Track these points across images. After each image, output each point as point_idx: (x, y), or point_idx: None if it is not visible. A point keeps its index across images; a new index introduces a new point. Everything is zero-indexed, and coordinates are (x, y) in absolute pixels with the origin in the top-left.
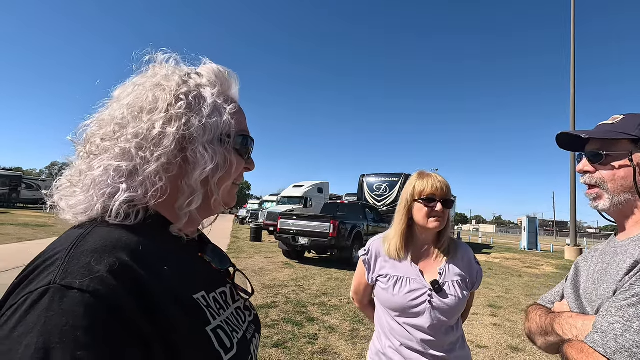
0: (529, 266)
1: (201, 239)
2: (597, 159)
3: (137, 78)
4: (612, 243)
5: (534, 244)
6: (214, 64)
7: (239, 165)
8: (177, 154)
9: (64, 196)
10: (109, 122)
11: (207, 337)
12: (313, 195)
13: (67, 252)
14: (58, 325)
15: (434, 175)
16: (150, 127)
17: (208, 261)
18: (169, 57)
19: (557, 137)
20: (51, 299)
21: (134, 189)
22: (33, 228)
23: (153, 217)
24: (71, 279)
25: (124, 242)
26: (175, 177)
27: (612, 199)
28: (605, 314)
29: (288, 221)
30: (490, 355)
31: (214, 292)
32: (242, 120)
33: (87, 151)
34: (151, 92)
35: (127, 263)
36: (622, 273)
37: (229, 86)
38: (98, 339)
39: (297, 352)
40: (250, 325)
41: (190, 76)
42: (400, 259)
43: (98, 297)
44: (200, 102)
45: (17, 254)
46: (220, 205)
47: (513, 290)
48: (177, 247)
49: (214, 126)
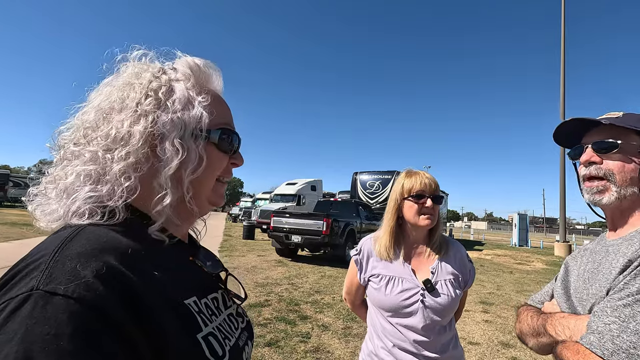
0: (519, 262)
1: (192, 242)
2: (609, 148)
3: (109, 78)
4: (603, 242)
5: (525, 240)
6: (189, 57)
7: (220, 160)
8: (147, 153)
9: (38, 205)
10: (80, 126)
11: (198, 345)
12: (306, 193)
13: (52, 256)
14: (40, 334)
15: (422, 172)
16: (118, 127)
17: (199, 265)
18: (143, 54)
19: (565, 124)
20: (33, 305)
21: (98, 189)
22: (20, 227)
23: (138, 217)
24: (55, 284)
25: (112, 245)
26: (147, 176)
27: (620, 191)
28: (600, 314)
29: (281, 219)
30: (482, 352)
31: (206, 297)
32: (222, 113)
33: (61, 157)
34: (121, 91)
35: (115, 267)
36: (615, 272)
37: (207, 78)
38: (83, 348)
39: (290, 351)
40: (243, 332)
41: (164, 71)
42: (391, 258)
43: (83, 304)
44: (169, 97)
45: (2, 253)
46: (205, 204)
47: (504, 286)
48: (168, 250)
49: (185, 121)
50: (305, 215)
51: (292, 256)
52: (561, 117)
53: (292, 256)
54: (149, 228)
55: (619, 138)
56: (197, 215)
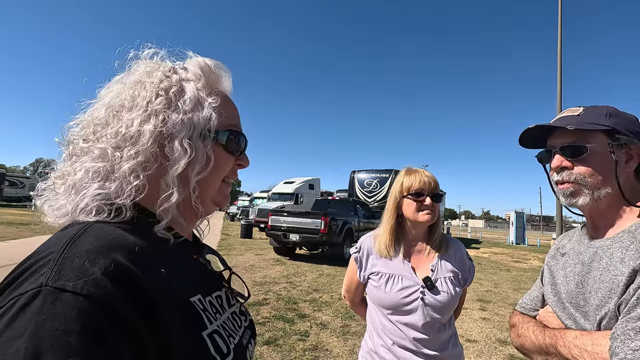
0: (516, 260)
1: (196, 240)
2: (577, 153)
3: (120, 76)
4: (585, 242)
5: (522, 238)
6: (200, 57)
7: (227, 161)
8: (156, 152)
9: (46, 200)
10: (90, 122)
11: (203, 342)
12: (304, 192)
13: (60, 253)
14: (50, 330)
15: (421, 170)
16: (128, 126)
17: (204, 263)
18: (154, 53)
19: (528, 130)
20: (43, 301)
21: (106, 187)
22: (17, 227)
23: (145, 216)
24: (64, 281)
25: (120, 243)
26: (156, 175)
27: (593, 193)
28: (623, 338)
29: (279, 218)
30: (480, 349)
31: (210, 295)
32: (230, 114)
33: (70, 153)
34: (132, 89)
35: (122, 264)
36: (622, 284)
37: (217, 79)
38: (91, 344)
39: (289, 349)
40: (246, 330)
41: (175, 71)
42: (391, 256)
43: (92, 300)
44: (180, 97)
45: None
46: (210, 204)
47: (502, 284)
48: (173, 249)
49: (194, 121)
50: (303, 214)
51: (290, 255)
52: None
53: (290, 255)
54: (155, 226)
55: (586, 140)
56: (203, 215)
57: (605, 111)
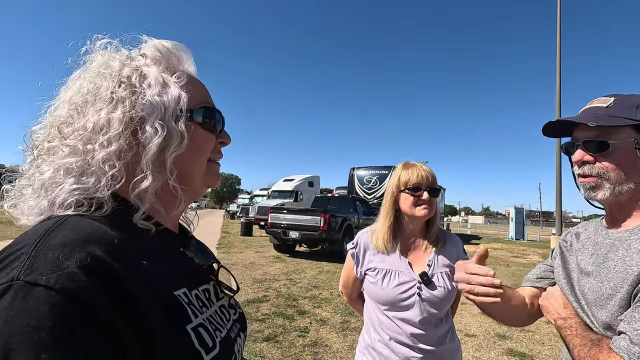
0: (516, 256)
1: (183, 232)
2: (600, 148)
3: (78, 72)
4: (603, 233)
5: (521, 234)
6: (156, 40)
7: (207, 140)
8: (130, 139)
9: (14, 203)
10: (53, 122)
11: (187, 336)
12: (304, 189)
13: (34, 247)
14: (20, 325)
15: (419, 164)
16: (96, 118)
17: (190, 256)
18: (107, 43)
19: (549, 124)
20: (13, 296)
21: (83, 181)
22: (17, 227)
23: (124, 207)
24: (37, 275)
25: (97, 235)
26: (132, 163)
27: (614, 188)
28: (629, 320)
29: (279, 215)
30: (479, 344)
31: (197, 289)
32: (200, 91)
33: (36, 155)
34: (92, 82)
35: (99, 257)
36: (635, 274)
37: (178, 60)
38: (64, 340)
39: (289, 346)
40: (235, 323)
41: (132, 57)
42: (388, 251)
43: (66, 295)
44: (143, 80)
45: None
46: (200, 185)
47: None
48: (156, 241)
49: (164, 102)
50: (302, 211)
51: (290, 252)
52: (557, 111)
53: (290, 252)
54: (134, 216)
55: (610, 136)
56: (185, 202)
57: (638, 102)
